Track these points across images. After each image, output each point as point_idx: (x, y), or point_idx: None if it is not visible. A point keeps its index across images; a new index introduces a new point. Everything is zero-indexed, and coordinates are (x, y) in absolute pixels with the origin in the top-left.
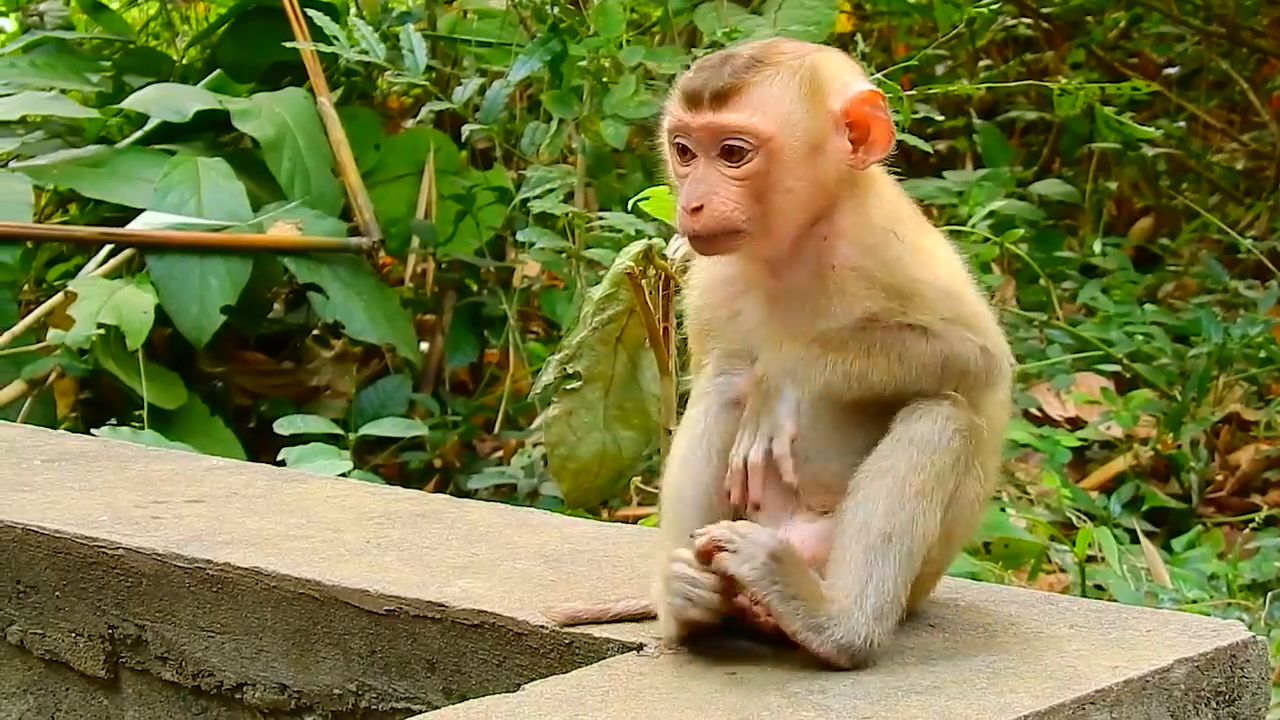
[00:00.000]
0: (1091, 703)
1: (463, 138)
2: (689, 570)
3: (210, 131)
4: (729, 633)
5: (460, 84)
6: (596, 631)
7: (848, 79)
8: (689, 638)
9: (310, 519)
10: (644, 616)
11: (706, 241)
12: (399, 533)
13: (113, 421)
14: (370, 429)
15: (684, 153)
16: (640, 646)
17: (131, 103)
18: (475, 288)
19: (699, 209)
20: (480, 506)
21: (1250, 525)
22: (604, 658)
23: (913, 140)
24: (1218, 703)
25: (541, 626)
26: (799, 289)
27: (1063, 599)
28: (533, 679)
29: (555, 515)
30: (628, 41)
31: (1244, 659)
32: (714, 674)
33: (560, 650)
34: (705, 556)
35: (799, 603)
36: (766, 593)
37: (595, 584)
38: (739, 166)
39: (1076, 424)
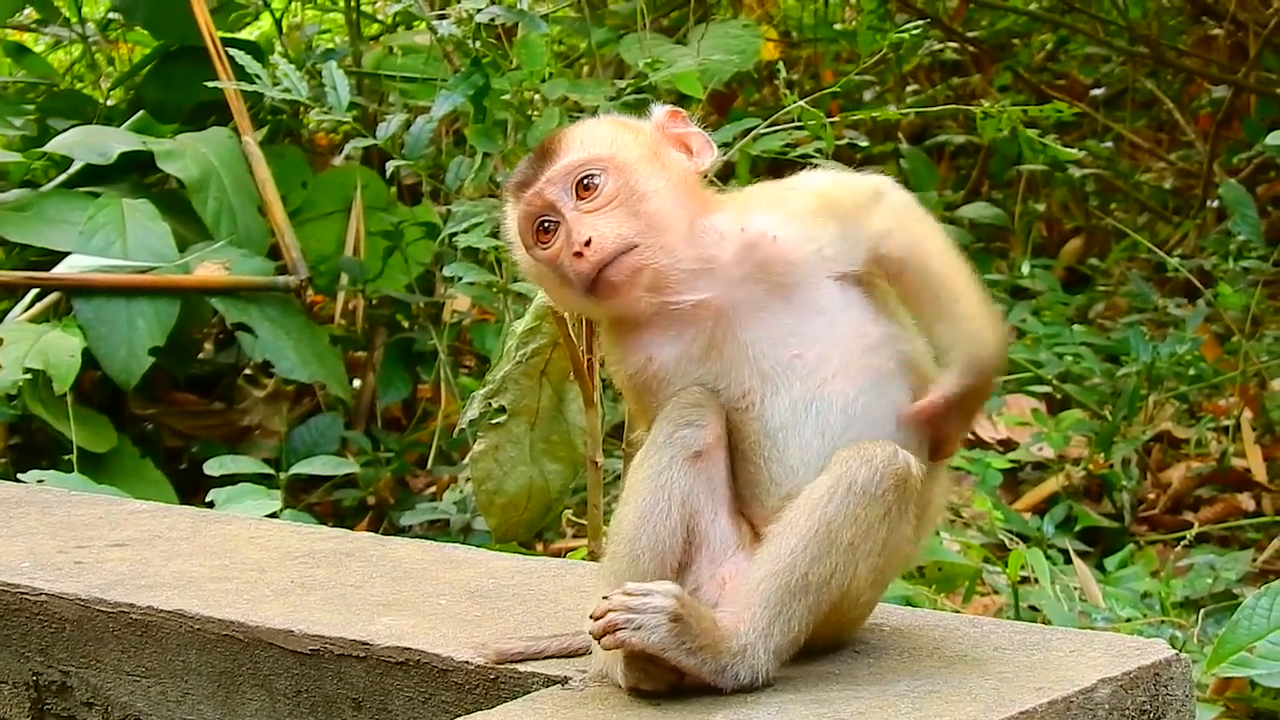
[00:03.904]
0: None
1: (388, 174)
2: None
3: (135, 173)
4: None
5: (385, 120)
6: (522, 666)
7: (638, 120)
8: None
9: (234, 560)
10: (578, 654)
11: (611, 268)
12: (323, 572)
13: (44, 464)
14: (302, 467)
15: (544, 230)
16: (565, 680)
17: (55, 146)
18: (406, 324)
19: (588, 242)
20: (405, 544)
21: (1183, 543)
22: (529, 692)
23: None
24: None
25: (466, 662)
26: (746, 301)
27: (986, 621)
28: (459, 715)
29: (481, 551)
30: (551, 74)
31: (1168, 677)
32: (639, 706)
33: (486, 685)
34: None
35: (704, 653)
36: (674, 654)
37: (521, 619)
38: (599, 194)
39: (1008, 445)
